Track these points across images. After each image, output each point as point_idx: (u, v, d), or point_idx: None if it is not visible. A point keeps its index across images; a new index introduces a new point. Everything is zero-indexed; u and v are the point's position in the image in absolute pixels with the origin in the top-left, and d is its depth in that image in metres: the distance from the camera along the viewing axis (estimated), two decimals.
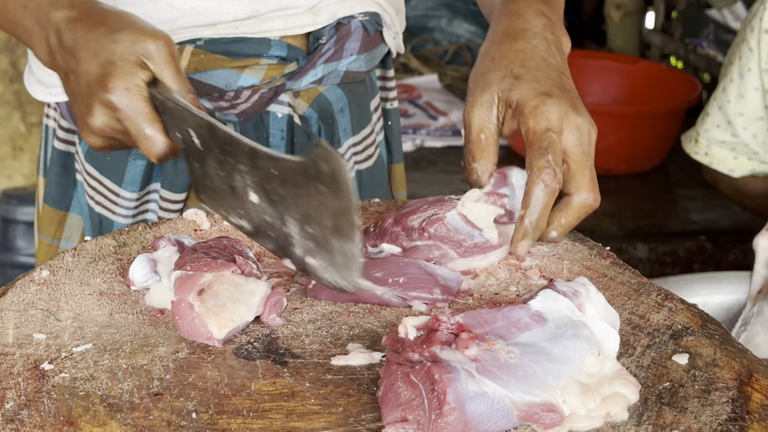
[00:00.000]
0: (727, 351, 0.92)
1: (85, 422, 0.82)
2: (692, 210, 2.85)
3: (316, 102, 1.43)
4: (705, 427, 0.82)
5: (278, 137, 1.43)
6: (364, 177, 1.53)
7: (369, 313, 0.98)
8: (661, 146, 3.10)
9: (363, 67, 1.45)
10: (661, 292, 1.02)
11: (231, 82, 1.36)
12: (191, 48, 1.35)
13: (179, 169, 1.41)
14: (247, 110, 1.39)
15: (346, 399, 0.85)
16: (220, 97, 1.37)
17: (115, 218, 1.43)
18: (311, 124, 1.44)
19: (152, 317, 0.97)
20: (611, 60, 3.53)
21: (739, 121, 2.07)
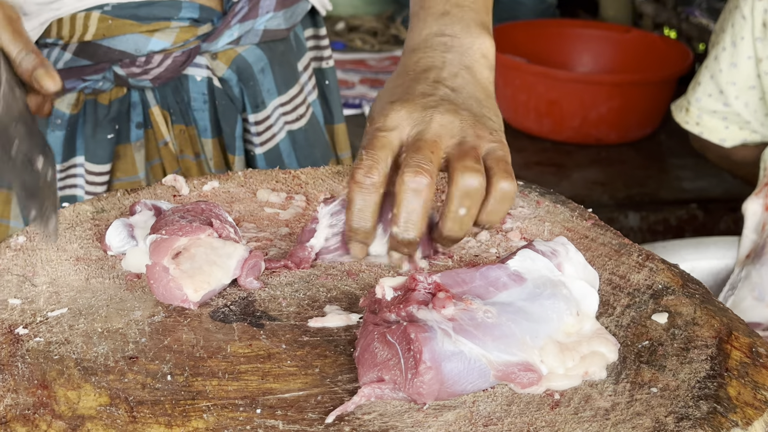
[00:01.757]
0: (707, 310, 0.92)
1: (59, 386, 0.82)
2: (684, 178, 2.85)
3: (235, 63, 1.41)
4: (683, 384, 0.82)
5: (200, 101, 1.41)
6: (298, 137, 1.51)
7: (347, 275, 0.98)
8: (652, 115, 3.09)
9: (282, 24, 1.43)
10: (642, 252, 1.02)
11: (141, 46, 1.34)
12: (98, 14, 1.33)
13: (99, 140, 1.39)
14: (161, 75, 1.37)
15: (322, 360, 0.85)
16: (131, 63, 1.35)
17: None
18: (232, 86, 1.42)
19: (129, 282, 0.96)
20: (603, 29, 3.52)
21: (731, 90, 2.06)
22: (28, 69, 1.06)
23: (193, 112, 1.42)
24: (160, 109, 1.40)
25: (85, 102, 1.40)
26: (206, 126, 1.42)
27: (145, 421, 0.77)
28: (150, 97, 1.40)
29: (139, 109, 1.40)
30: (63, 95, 1.15)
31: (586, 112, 3.01)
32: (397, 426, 0.77)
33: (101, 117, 1.39)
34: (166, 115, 1.41)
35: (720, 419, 0.78)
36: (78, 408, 0.79)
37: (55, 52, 1.34)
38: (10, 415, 0.78)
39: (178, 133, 1.42)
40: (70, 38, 1.33)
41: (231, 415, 0.78)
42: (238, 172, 1.18)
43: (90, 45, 1.33)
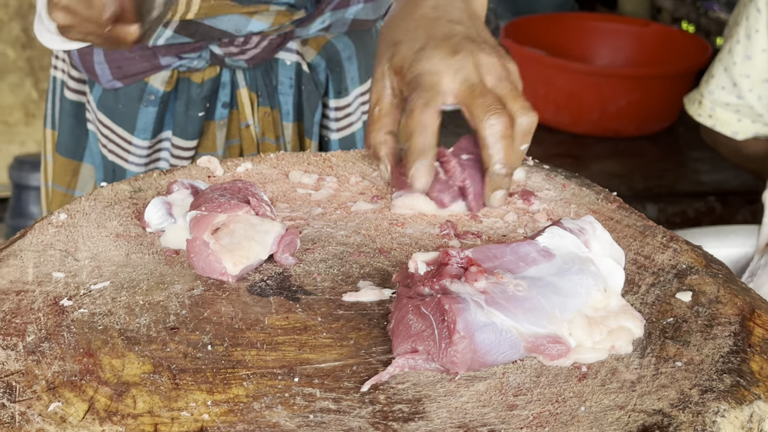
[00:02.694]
0: (731, 289, 0.94)
1: (104, 354, 0.84)
2: (701, 171, 2.86)
3: (324, 49, 1.45)
4: (707, 359, 0.84)
5: (287, 84, 1.45)
6: None
7: (379, 253, 1.00)
8: (670, 108, 3.10)
9: (370, 15, 1.47)
10: (666, 234, 1.04)
11: (241, 27, 1.37)
12: None
13: (190, 116, 1.43)
14: (257, 56, 1.40)
15: (357, 333, 0.87)
16: (230, 42, 1.38)
17: (128, 166, 1.46)
18: (319, 72, 1.46)
19: (168, 257, 0.99)
20: (622, 23, 3.53)
21: (745, 83, 2.07)
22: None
23: (279, 96, 1.46)
24: (248, 90, 1.44)
25: (179, 80, 1.44)
26: (289, 110, 1.46)
27: (188, 388, 0.80)
28: (240, 78, 1.44)
29: (228, 89, 1.44)
30: None
31: (605, 104, 3.03)
32: (430, 395, 0.80)
33: (194, 95, 1.43)
34: (253, 98, 1.45)
35: (743, 392, 0.81)
36: (123, 375, 0.82)
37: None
38: (58, 381, 0.81)
39: (262, 115, 1.46)
40: (172, 16, 1.36)
41: (270, 383, 0.81)
42: (271, 154, 1.20)
43: (192, 23, 1.37)
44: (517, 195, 1.11)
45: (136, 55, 1.41)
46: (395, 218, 1.07)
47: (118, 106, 1.44)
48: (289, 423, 0.77)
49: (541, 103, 3.17)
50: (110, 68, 1.43)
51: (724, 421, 0.78)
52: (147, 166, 1.47)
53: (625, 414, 0.78)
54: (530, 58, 3.16)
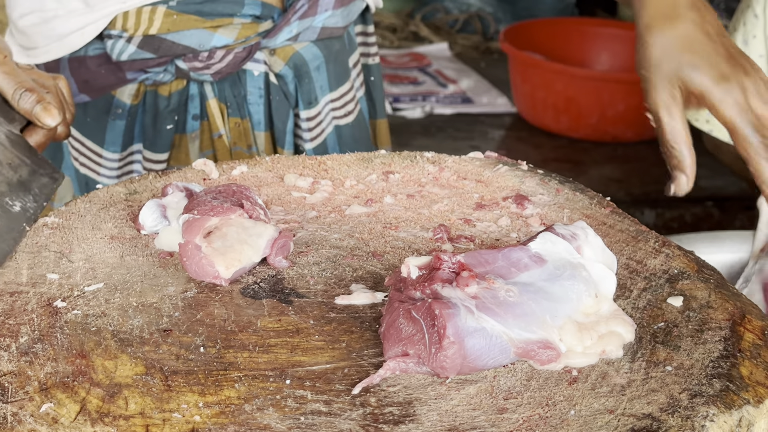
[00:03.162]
0: (722, 294, 0.95)
1: (96, 355, 0.85)
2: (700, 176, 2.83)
3: (292, 60, 1.44)
4: (697, 363, 0.84)
5: (256, 95, 1.44)
6: (344, 132, 1.54)
7: (372, 256, 1.01)
8: None
9: (339, 22, 1.45)
10: (658, 239, 1.04)
11: (204, 42, 1.37)
12: (164, 8, 1.35)
13: (159, 129, 1.43)
14: (222, 70, 1.40)
15: (349, 336, 0.88)
16: (194, 57, 1.38)
17: (100, 179, 1.46)
18: (287, 82, 1.44)
19: (161, 259, 1.00)
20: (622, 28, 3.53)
21: None
22: (27, 109, 1.07)
23: (249, 106, 1.45)
24: (217, 102, 1.44)
25: (146, 93, 1.43)
26: (260, 120, 1.46)
27: (180, 390, 0.81)
28: (208, 90, 1.43)
29: (197, 102, 1.44)
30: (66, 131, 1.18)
31: (604, 109, 3.03)
32: (421, 398, 0.80)
33: (162, 108, 1.42)
34: (223, 108, 1.44)
35: (732, 397, 0.81)
36: (115, 376, 0.82)
37: (119, 44, 1.37)
38: (50, 382, 0.82)
39: (233, 126, 1.45)
40: (135, 31, 1.36)
41: (261, 385, 0.81)
42: (266, 157, 1.21)
43: (154, 39, 1.36)
44: (511, 199, 1.11)
45: (102, 69, 1.41)
46: (389, 222, 1.07)
47: (87, 119, 1.44)
48: (280, 425, 0.77)
49: (539, 108, 3.17)
50: (77, 83, 1.43)
51: (713, 426, 0.78)
52: (119, 178, 1.47)
53: (614, 418, 0.78)
54: (529, 63, 3.16)
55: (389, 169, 1.18)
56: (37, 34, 1.40)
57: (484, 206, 1.11)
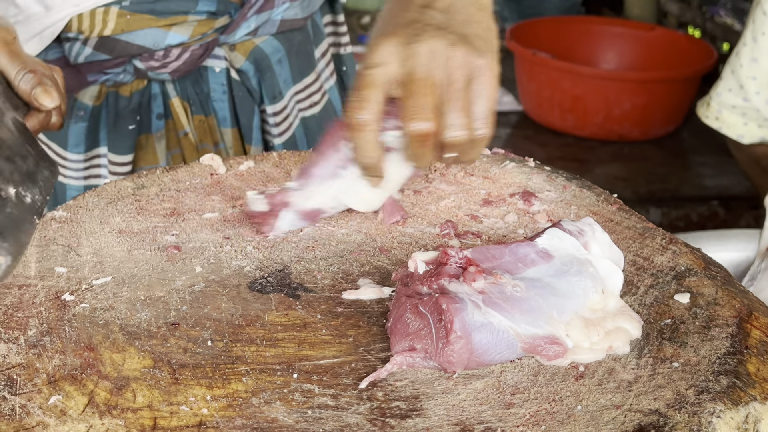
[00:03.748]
0: (729, 291, 0.95)
1: (104, 348, 0.85)
2: (705, 176, 2.86)
3: (252, 55, 1.42)
4: (704, 360, 0.84)
5: (219, 91, 1.43)
6: (311, 123, 1.52)
7: (380, 251, 1.01)
8: (675, 113, 3.11)
9: (299, 14, 1.43)
10: (665, 236, 1.04)
11: (158, 41, 1.35)
12: (117, 9, 1.34)
13: (120, 130, 1.42)
14: (180, 68, 1.39)
15: (356, 330, 0.88)
16: (150, 57, 1.36)
17: (67, 181, 1.45)
18: (250, 77, 1.43)
19: (169, 253, 1.00)
20: (628, 27, 3.53)
21: (751, 86, 2.06)
22: (27, 89, 1.08)
23: (213, 103, 1.44)
24: (180, 100, 1.42)
25: (108, 94, 1.42)
26: (225, 116, 1.44)
27: (187, 383, 0.81)
28: (170, 88, 1.42)
29: (160, 101, 1.42)
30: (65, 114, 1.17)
31: (610, 108, 3.03)
32: (428, 392, 0.80)
33: (122, 108, 1.41)
34: (186, 106, 1.43)
35: (739, 393, 0.81)
36: (123, 369, 0.83)
37: (76, 46, 1.36)
38: (58, 374, 0.82)
39: (197, 123, 1.44)
40: (90, 33, 1.35)
41: (269, 379, 0.81)
42: (273, 153, 1.21)
43: (109, 40, 1.35)
44: (518, 196, 1.11)
45: (63, 72, 1.40)
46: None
47: None
48: (288, 418, 0.77)
49: (546, 106, 3.17)
50: None
51: (719, 422, 0.78)
52: (86, 180, 1.46)
53: (621, 413, 0.78)
54: (536, 61, 3.16)
55: None
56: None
57: (491, 202, 1.11)
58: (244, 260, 0.98)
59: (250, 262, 0.98)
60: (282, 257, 0.99)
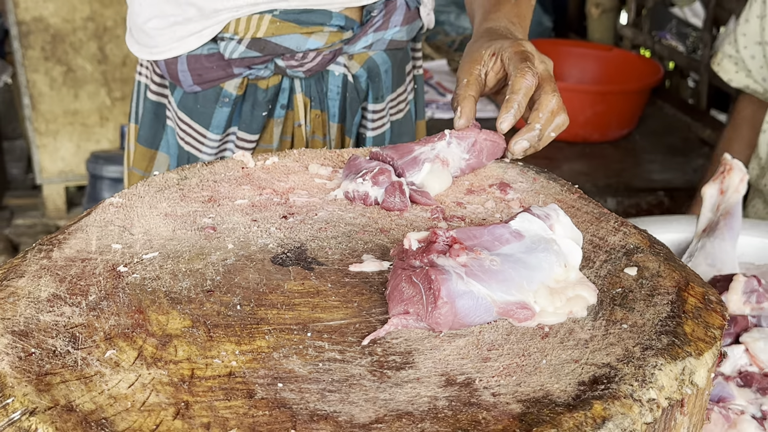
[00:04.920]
0: (670, 265, 0.93)
1: (152, 311, 0.84)
2: (653, 171, 2.84)
3: (367, 64, 1.47)
4: (648, 322, 0.83)
5: (335, 92, 1.47)
6: (396, 126, 1.56)
7: (380, 232, 0.99)
8: (629, 119, 3.08)
9: (404, 37, 1.49)
10: (618, 220, 1.03)
11: (300, 44, 1.39)
12: (269, 17, 1.38)
13: (255, 116, 1.46)
14: (312, 68, 1.43)
15: (360, 297, 0.87)
16: (291, 57, 1.40)
17: (201, 156, 1.49)
18: (361, 82, 1.47)
19: (206, 233, 0.99)
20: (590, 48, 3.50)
21: (741, 40, 2.09)
22: None
23: (328, 101, 1.47)
24: (303, 96, 1.46)
25: (248, 86, 1.45)
26: (335, 113, 1.48)
27: (220, 340, 0.80)
28: (297, 85, 1.45)
29: (287, 94, 1.46)
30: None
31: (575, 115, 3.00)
32: (419, 348, 0.79)
33: (260, 99, 1.44)
34: (307, 102, 1.46)
35: (677, 350, 0.80)
36: (167, 329, 0.82)
37: (231, 45, 1.39)
38: (113, 333, 0.81)
39: (314, 117, 1.47)
40: (245, 34, 1.38)
41: (287, 337, 0.80)
42: (294, 150, 1.20)
43: (260, 41, 1.39)
44: (496, 186, 1.10)
45: (213, 65, 1.43)
46: None
47: (197, 106, 1.46)
48: (302, 369, 0.76)
49: None
50: (192, 76, 1.44)
51: (660, 374, 0.77)
52: (216, 154, 1.50)
53: (579, 366, 0.77)
54: None
55: None
56: (159, 36, 1.42)
57: (474, 192, 1.09)
58: (268, 239, 0.97)
59: (273, 240, 0.97)
60: (299, 236, 0.98)
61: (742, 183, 1.61)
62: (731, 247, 1.54)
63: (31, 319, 0.83)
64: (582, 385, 0.75)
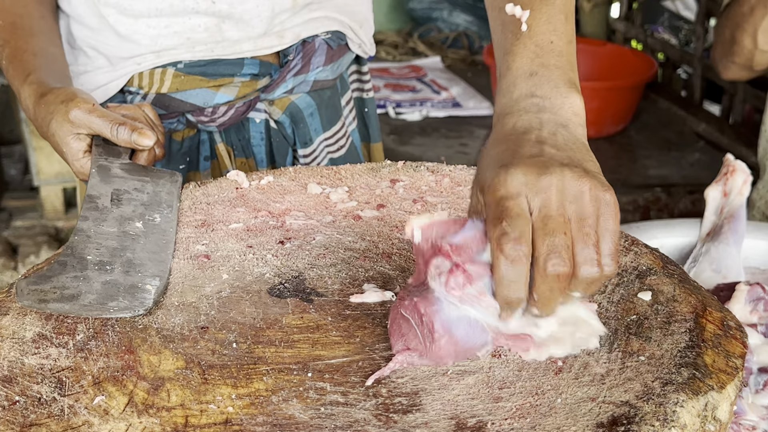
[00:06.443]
0: (685, 288, 0.87)
1: (143, 351, 0.78)
2: (650, 167, 2.78)
3: (289, 109, 1.35)
4: (666, 353, 0.78)
5: (258, 138, 1.36)
6: (338, 163, 1.45)
7: (382, 257, 0.93)
8: (624, 114, 3.02)
9: (330, 75, 1.36)
10: (628, 238, 0.97)
11: (208, 100, 1.28)
12: (173, 70, 1.27)
13: (172, 169, 1.34)
14: (225, 122, 1.32)
15: (362, 331, 0.81)
16: (200, 113, 1.29)
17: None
18: (285, 127, 1.36)
19: (200, 262, 0.93)
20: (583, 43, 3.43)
21: None
22: (126, 138, 1.06)
23: (253, 147, 1.37)
24: (224, 145, 1.36)
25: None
26: (263, 158, 1.38)
27: (215, 383, 0.74)
28: (216, 136, 1.35)
29: (207, 145, 1.36)
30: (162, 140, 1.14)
31: None
32: (426, 388, 0.74)
33: (175, 152, 1.35)
34: (230, 150, 1.36)
35: (699, 384, 0.74)
36: (159, 370, 0.76)
37: (137, 100, 1.30)
38: (102, 376, 0.75)
39: (239, 165, 1.37)
40: (149, 89, 1.29)
41: (287, 378, 0.75)
42: (289, 168, 1.13)
43: (165, 97, 1.28)
44: None
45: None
46: (395, 224, 1.00)
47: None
48: (303, 415, 0.70)
49: None
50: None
51: (682, 411, 0.71)
52: None
53: (596, 405, 0.71)
54: None
55: (395, 177, 1.11)
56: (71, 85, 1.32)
57: None
58: (265, 267, 0.91)
59: (270, 269, 0.90)
60: (297, 264, 0.92)
61: (746, 185, 1.56)
62: (736, 252, 1.49)
63: (15, 363, 0.77)
64: (601, 427, 0.69)
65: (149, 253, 0.90)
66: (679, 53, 3.40)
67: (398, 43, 3.95)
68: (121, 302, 0.83)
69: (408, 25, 4.11)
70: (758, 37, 1.65)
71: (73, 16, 1.28)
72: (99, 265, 0.87)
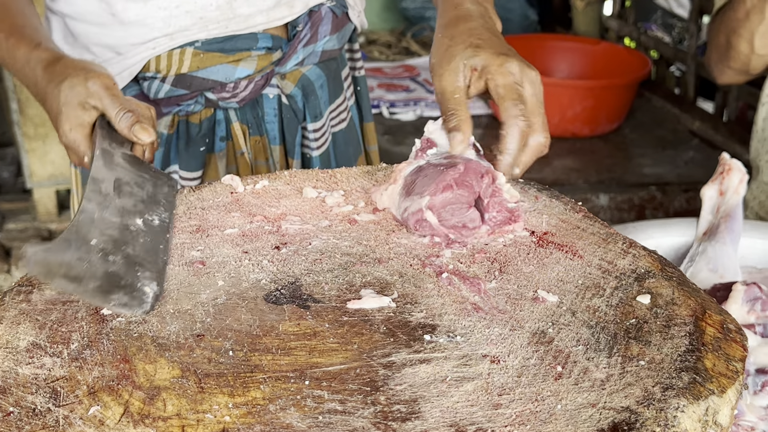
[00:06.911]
0: (684, 291, 0.87)
1: (138, 360, 0.77)
2: (644, 165, 2.78)
3: (300, 82, 1.38)
4: (666, 357, 0.77)
5: (272, 114, 1.38)
6: (338, 137, 1.47)
7: (378, 262, 0.93)
8: (618, 113, 3.02)
9: (336, 45, 1.40)
10: (626, 240, 0.97)
11: (229, 75, 1.29)
12: (191, 50, 1.27)
13: (191, 152, 1.36)
14: (246, 97, 1.33)
15: (360, 338, 0.80)
16: (221, 89, 1.30)
17: None
18: (297, 101, 1.38)
19: (195, 268, 0.92)
20: (576, 42, 3.43)
21: None
22: (125, 126, 1.04)
23: (266, 125, 1.39)
24: (240, 124, 1.37)
25: (179, 122, 1.36)
26: (275, 135, 1.39)
27: (211, 392, 0.73)
28: (232, 115, 1.36)
29: (223, 126, 1.36)
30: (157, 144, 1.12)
31: (564, 111, 2.94)
32: (425, 395, 0.73)
33: (194, 134, 1.35)
34: (245, 129, 1.37)
35: (699, 388, 0.74)
36: (155, 380, 0.75)
37: (155, 84, 1.29)
38: (97, 386, 0.74)
39: (253, 143, 1.38)
40: (167, 71, 1.28)
41: (284, 386, 0.74)
42: (285, 172, 1.13)
43: (186, 77, 1.29)
44: None
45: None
46: (391, 229, 0.99)
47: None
48: (301, 424, 0.70)
49: None
50: None
51: (683, 416, 0.71)
52: None
53: (597, 411, 0.71)
54: None
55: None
56: None
57: None
58: (261, 273, 0.90)
59: (266, 275, 0.90)
60: (293, 270, 0.91)
61: (742, 184, 1.55)
62: (733, 251, 1.48)
63: (9, 373, 0.76)
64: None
65: (148, 253, 0.89)
66: (673, 51, 3.40)
67: (391, 43, 3.94)
68: (122, 297, 0.83)
69: (401, 25, 4.10)
70: (755, 41, 1.66)
71: (74, 16, 1.28)
72: (102, 252, 0.86)
